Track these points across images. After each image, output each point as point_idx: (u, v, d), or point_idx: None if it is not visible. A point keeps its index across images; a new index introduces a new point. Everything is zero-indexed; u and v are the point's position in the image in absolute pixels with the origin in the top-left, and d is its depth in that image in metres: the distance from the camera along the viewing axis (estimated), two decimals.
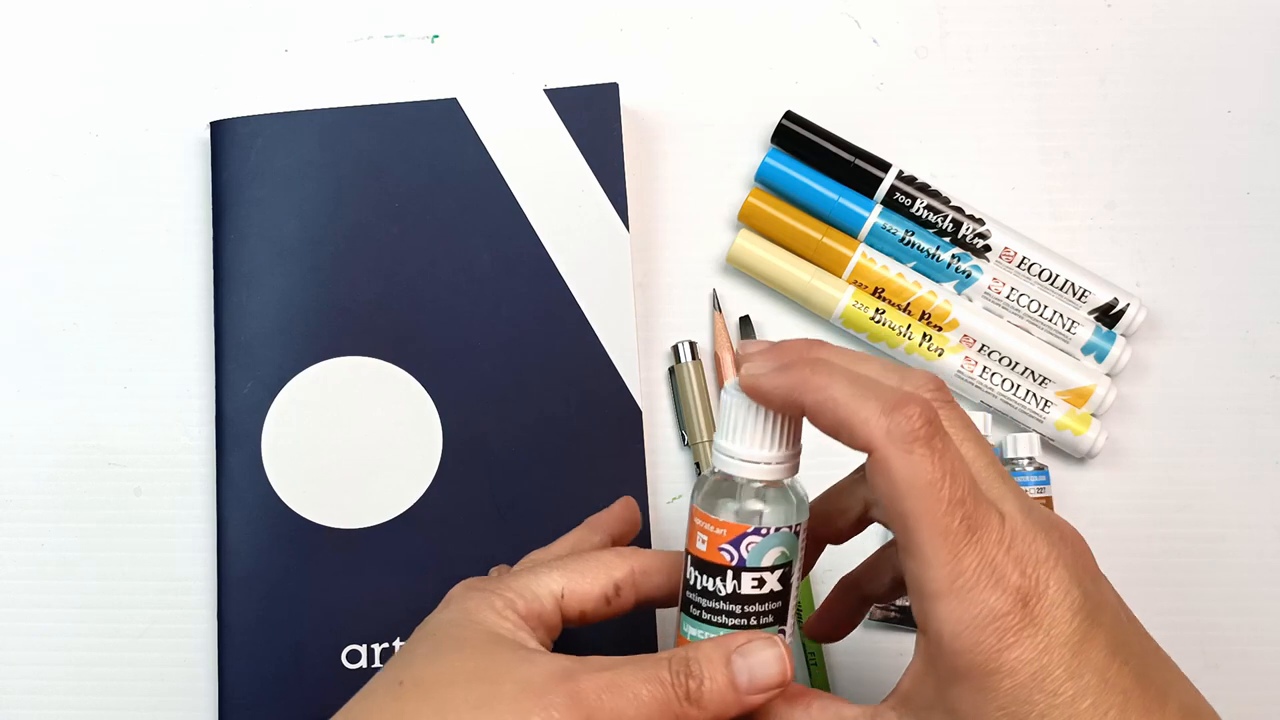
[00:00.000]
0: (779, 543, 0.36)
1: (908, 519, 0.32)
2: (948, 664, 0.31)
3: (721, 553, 0.36)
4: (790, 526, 0.36)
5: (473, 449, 0.51)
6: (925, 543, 0.31)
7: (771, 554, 0.36)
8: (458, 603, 0.37)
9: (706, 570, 0.36)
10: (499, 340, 0.51)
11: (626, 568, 0.39)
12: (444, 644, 0.35)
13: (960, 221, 0.52)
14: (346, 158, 0.53)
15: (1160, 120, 0.55)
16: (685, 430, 0.52)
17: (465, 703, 0.33)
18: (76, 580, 0.52)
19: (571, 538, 0.43)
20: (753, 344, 0.36)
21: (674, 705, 0.34)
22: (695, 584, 0.37)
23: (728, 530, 0.36)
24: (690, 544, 0.37)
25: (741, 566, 0.36)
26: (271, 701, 0.49)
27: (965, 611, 0.31)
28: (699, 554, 0.36)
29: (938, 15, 0.56)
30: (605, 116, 0.53)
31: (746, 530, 0.35)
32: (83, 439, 0.53)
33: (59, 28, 0.57)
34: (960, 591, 0.31)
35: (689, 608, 0.37)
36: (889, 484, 0.32)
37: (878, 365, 0.35)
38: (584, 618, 0.38)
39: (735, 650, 0.35)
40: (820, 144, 0.53)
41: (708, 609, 0.36)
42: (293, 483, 0.50)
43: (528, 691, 0.33)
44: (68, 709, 0.51)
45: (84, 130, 0.56)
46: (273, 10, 0.57)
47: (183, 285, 0.54)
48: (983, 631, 0.31)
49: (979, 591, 0.31)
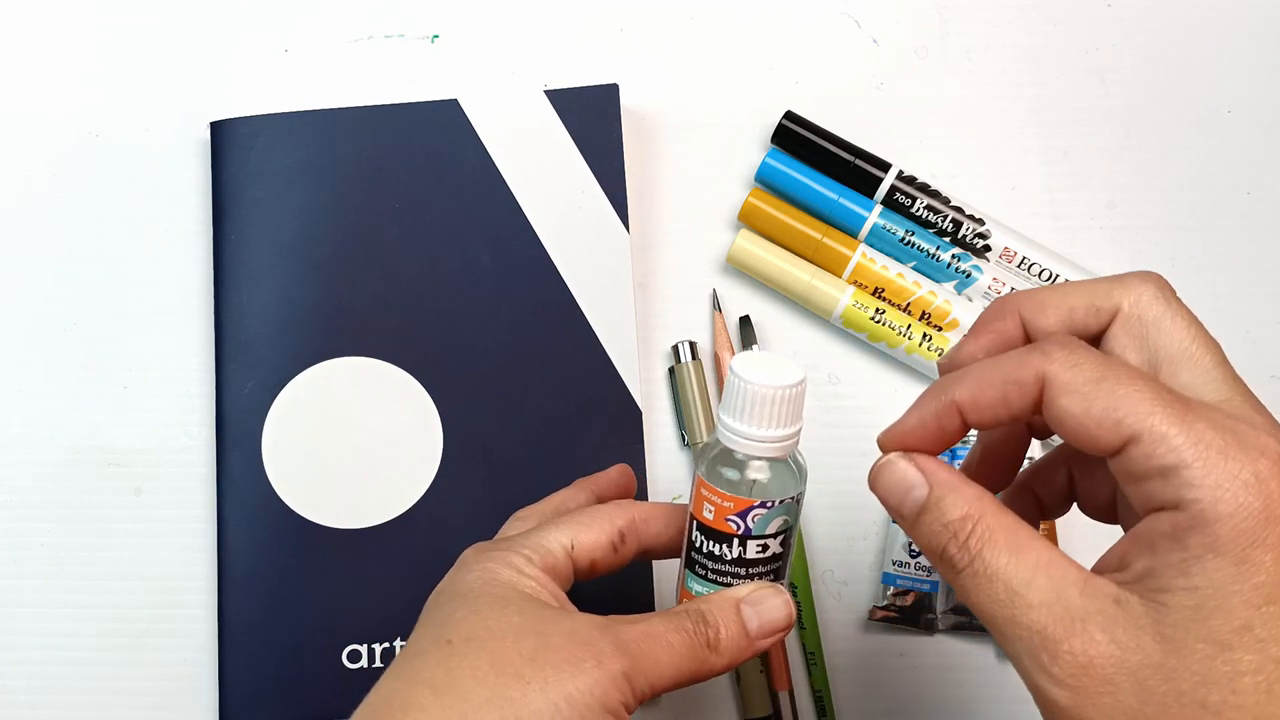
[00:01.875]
0: (783, 512, 0.37)
1: (1120, 409, 0.28)
2: (1202, 536, 0.27)
3: (729, 523, 0.37)
4: (793, 497, 0.37)
5: (473, 449, 0.51)
6: (1152, 417, 0.28)
7: (775, 522, 0.37)
8: (476, 564, 0.38)
9: (713, 537, 0.38)
10: (499, 340, 0.51)
11: (627, 516, 0.40)
12: (483, 602, 0.36)
13: (960, 221, 0.52)
14: (346, 158, 0.53)
15: (1160, 120, 0.55)
16: (685, 430, 0.52)
17: (519, 655, 0.34)
18: (76, 580, 0.52)
19: (558, 496, 0.44)
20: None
21: (699, 651, 0.36)
22: (701, 547, 0.38)
23: (735, 504, 0.37)
24: (696, 510, 0.38)
25: (748, 535, 0.37)
26: (271, 701, 0.49)
27: (1227, 471, 0.27)
28: (706, 521, 0.38)
29: (938, 15, 0.56)
30: (605, 117, 0.53)
31: (753, 504, 0.36)
32: (83, 439, 0.53)
33: (59, 28, 0.57)
34: (1211, 455, 0.27)
35: (694, 567, 0.39)
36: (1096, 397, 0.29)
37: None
38: (594, 568, 0.39)
39: (743, 600, 0.37)
40: (820, 144, 0.53)
41: (713, 570, 0.38)
42: (293, 483, 0.50)
43: (575, 640, 0.34)
44: (68, 709, 0.51)
45: (84, 130, 0.56)
46: (273, 10, 0.57)
47: (183, 285, 0.54)
48: (1251, 493, 0.27)
49: (1234, 452, 0.27)
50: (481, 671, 0.34)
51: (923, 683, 0.50)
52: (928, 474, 0.32)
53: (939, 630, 0.50)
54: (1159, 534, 0.28)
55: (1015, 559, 0.29)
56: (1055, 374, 0.30)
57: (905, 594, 0.49)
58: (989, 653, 0.50)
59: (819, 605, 0.51)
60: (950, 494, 0.31)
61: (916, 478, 0.32)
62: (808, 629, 0.50)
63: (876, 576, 0.51)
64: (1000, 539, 0.30)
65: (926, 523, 0.32)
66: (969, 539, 0.30)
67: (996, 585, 0.29)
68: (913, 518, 0.32)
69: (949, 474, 0.32)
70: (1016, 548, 0.29)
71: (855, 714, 0.50)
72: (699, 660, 0.36)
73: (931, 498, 0.32)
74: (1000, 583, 0.29)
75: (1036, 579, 0.29)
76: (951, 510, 0.31)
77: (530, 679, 0.33)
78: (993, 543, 0.30)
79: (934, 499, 0.31)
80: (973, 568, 0.30)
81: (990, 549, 0.30)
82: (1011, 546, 0.30)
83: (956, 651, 0.50)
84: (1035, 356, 0.30)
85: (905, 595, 0.49)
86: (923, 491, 0.32)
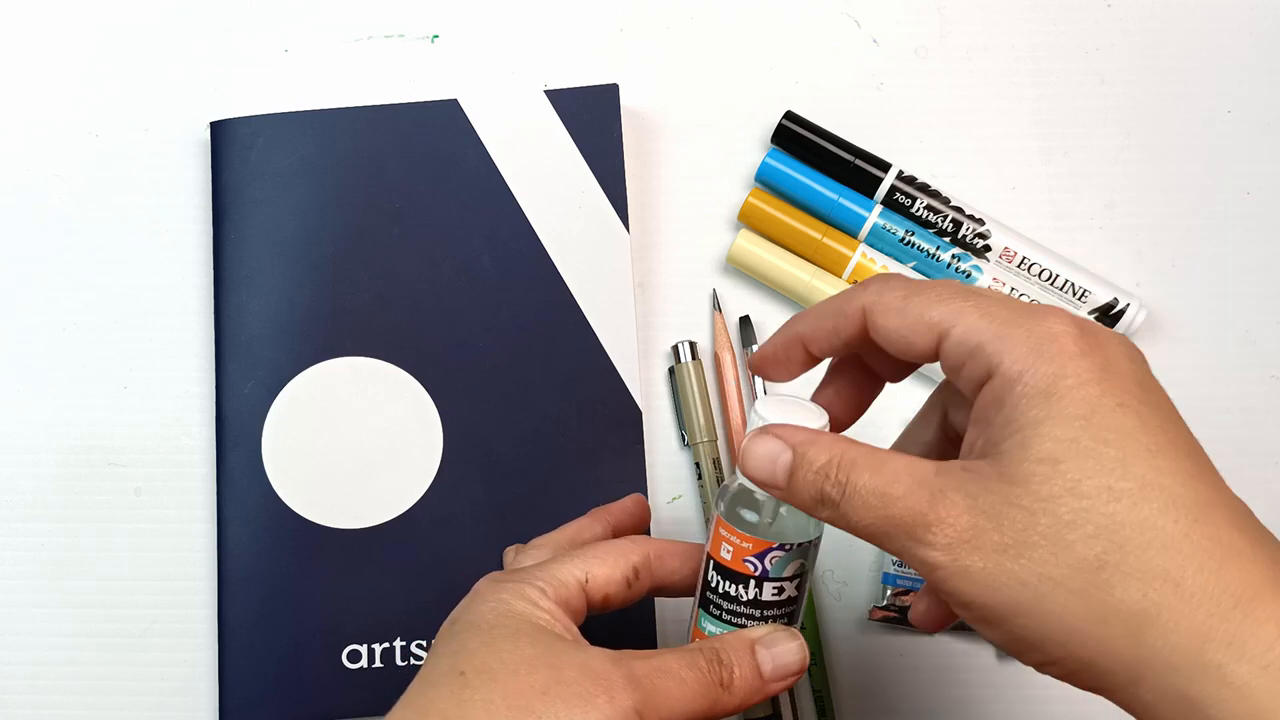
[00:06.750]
0: (799, 555, 0.37)
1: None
2: (1015, 387, 0.31)
3: (746, 564, 0.37)
4: (810, 540, 0.37)
5: (473, 449, 0.51)
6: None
7: (792, 565, 0.37)
8: (491, 595, 0.38)
9: (730, 577, 0.38)
10: (499, 340, 0.51)
11: (643, 552, 0.41)
12: (497, 635, 0.36)
13: (960, 221, 0.52)
14: (346, 158, 0.53)
15: (1160, 120, 0.55)
16: (685, 430, 0.52)
17: (531, 689, 0.34)
18: (76, 580, 0.52)
19: (573, 526, 0.44)
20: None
21: (712, 690, 0.36)
22: (717, 587, 0.38)
23: (753, 545, 0.37)
24: (714, 550, 0.38)
25: (764, 577, 0.37)
26: (271, 701, 0.49)
27: (1023, 331, 0.31)
28: (723, 561, 0.38)
29: (938, 15, 0.56)
30: (605, 117, 0.53)
31: (771, 546, 0.37)
32: (83, 439, 0.53)
33: (58, 28, 0.57)
34: (1008, 327, 0.32)
35: (708, 607, 0.39)
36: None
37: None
38: (607, 602, 0.40)
39: (758, 641, 0.37)
40: (820, 144, 0.53)
41: (728, 610, 0.38)
42: (293, 483, 0.50)
43: (588, 675, 0.35)
44: (68, 709, 0.51)
45: (84, 130, 0.56)
46: (273, 10, 0.57)
47: (183, 285, 0.54)
48: (1045, 343, 0.31)
49: (1025, 320, 0.32)
50: (494, 705, 0.34)
51: (923, 683, 0.50)
52: (785, 438, 0.35)
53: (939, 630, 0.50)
54: (985, 406, 0.32)
55: (879, 472, 0.32)
56: (872, 302, 0.34)
57: (905, 594, 0.49)
58: (989, 653, 0.50)
59: (819, 605, 0.51)
60: (811, 447, 0.34)
61: (777, 445, 0.35)
62: (807, 629, 0.50)
63: (876, 576, 0.51)
64: (863, 463, 0.33)
65: (800, 478, 0.34)
66: (837, 474, 0.33)
67: (869, 498, 0.32)
68: (786, 480, 0.34)
69: (804, 433, 0.35)
70: (879, 465, 0.33)
71: (855, 714, 0.50)
72: (711, 699, 0.36)
73: (796, 456, 0.34)
74: (871, 493, 0.32)
75: (900, 479, 0.32)
76: (817, 458, 0.34)
77: (542, 713, 0.34)
78: (857, 467, 0.33)
79: (799, 456, 0.34)
80: (847, 494, 0.33)
81: (856, 472, 0.33)
82: (874, 465, 0.33)
83: (956, 651, 0.50)
84: (857, 291, 0.35)
85: (905, 595, 0.49)
86: (787, 454, 0.34)
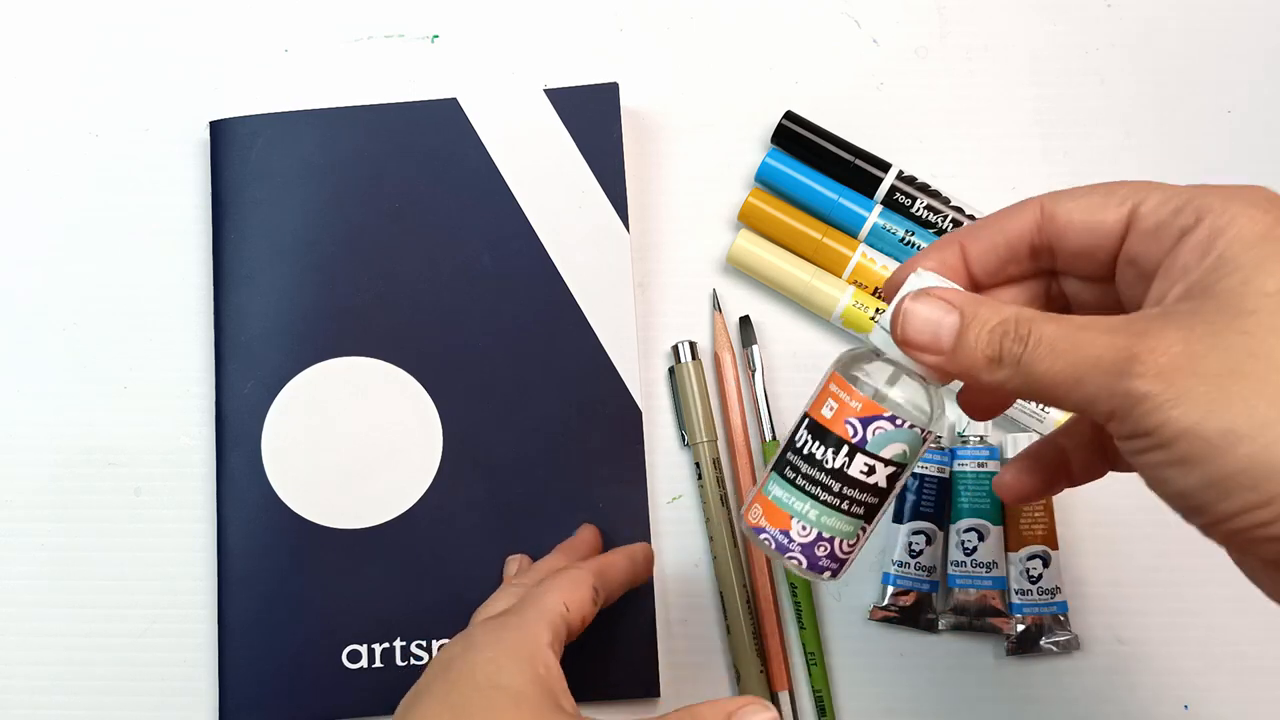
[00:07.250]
0: (904, 439, 0.35)
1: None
2: (1227, 232, 0.30)
3: (846, 425, 0.35)
4: (922, 428, 0.35)
5: (473, 449, 0.51)
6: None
7: (893, 447, 0.35)
8: (490, 648, 0.38)
9: (822, 437, 0.35)
10: (499, 340, 0.51)
11: (595, 567, 0.43)
12: (497, 702, 0.36)
13: (960, 221, 0.52)
14: (346, 158, 0.53)
15: (1160, 120, 0.55)
16: (685, 430, 0.52)
17: None
18: (76, 580, 0.52)
19: (544, 564, 0.47)
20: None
21: None
22: (803, 448, 0.36)
23: (862, 405, 0.34)
24: (814, 407, 0.36)
25: (860, 446, 0.35)
26: (271, 701, 0.49)
27: (1234, 193, 0.30)
28: (821, 420, 0.35)
29: (938, 15, 0.56)
30: (605, 116, 0.53)
31: (881, 413, 0.34)
32: (83, 439, 0.53)
33: (58, 28, 0.57)
34: (1215, 190, 0.31)
35: (784, 469, 0.36)
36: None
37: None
38: (584, 622, 0.42)
39: (733, 714, 0.36)
40: (820, 144, 0.53)
41: (805, 475, 0.36)
42: (293, 483, 0.50)
43: None
44: (68, 709, 0.51)
45: (84, 130, 0.56)
46: (273, 10, 0.57)
47: (183, 285, 0.54)
48: (1259, 204, 0.30)
49: (1234, 191, 0.30)
50: None
51: (923, 683, 0.50)
52: (951, 300, 0.33)
53: (939, 630, 0.50)
54: (1188, 252, 0.30)
55: (1065, 322, 0.31)
56: (1048, 195, 0.34)
57: (905, 594, 0.49)
58: (989, 653, 0.50)
59: (819, 605, 0.51)
60: (982, 307, 0.32)
61: (941, 308, 0.33)
62: (807, 629, 0.50)
63: (876, 576, 0.51)
64: (1042, 317, 0.31)
65: (972, 337, 0.32)
66: (1017, 327, 0.31)
67: (1059, 343, 0.30)
68: (953, 343, 0.32)
69: (969, 295, 0.33)
70: (1061, 318, 0.31)
71: (855, 714, 0.50)
72: None
73: (966, 316, 0.32)
74: (1061, 338, 0.30)
75: (1092, 323, 0.30)
76: (991, 317, 0.32)
77: None
78: (1038, 320, 0.31)
79: (969, 316, 0.32)
80: (1030, 345, 0.31)
81: (1038, 324, 0.31)
82: (1056, 318, 0.31)
83: (956, 651, 0.50)
84: (1030, 200, 0.34)
85: (905, 595, 0.49)
86: (952, 316, 0.32)
